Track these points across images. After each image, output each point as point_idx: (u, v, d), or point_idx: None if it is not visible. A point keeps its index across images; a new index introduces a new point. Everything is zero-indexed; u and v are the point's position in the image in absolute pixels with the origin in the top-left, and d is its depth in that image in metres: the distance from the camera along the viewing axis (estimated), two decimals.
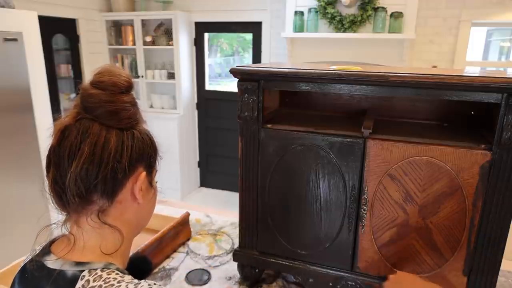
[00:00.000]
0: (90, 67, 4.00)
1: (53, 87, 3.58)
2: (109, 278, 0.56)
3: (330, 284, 1.10)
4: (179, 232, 1.45)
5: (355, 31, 3.27)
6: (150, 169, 0.66)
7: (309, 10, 3.34)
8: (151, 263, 0.78)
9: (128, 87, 0.62)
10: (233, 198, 4.30)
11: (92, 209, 0.60)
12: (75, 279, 0.56)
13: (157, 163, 0.68)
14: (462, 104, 1.13)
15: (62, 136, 0.58)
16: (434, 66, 3.31)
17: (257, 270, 1.21)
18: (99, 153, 0.57)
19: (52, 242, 0.65)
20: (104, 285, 0.55)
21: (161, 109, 4.18)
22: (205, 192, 4.59)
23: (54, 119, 0.61)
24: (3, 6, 2.24)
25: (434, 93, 0.91)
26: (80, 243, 0.61)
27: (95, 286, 0.55)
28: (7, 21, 2.23)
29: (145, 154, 0.64)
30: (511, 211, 0.89)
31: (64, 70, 3.88)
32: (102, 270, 0.57)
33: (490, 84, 0.84)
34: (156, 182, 0.70)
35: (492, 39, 3.80)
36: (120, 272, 0.58)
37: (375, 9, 3.15)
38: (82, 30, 3.86)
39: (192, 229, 1.55)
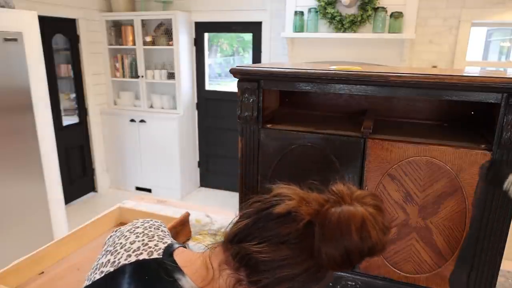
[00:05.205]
0: (90, 67, 4.00)
1: (53, 87, 3.58)
2: None
3: (330, 284, 1.10)
4: (179, 232, 1.45)
5: (355, 31, 3.27)
6: None
7: (309, 10, 3.33)
8: None
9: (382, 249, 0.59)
10: (233, 198, 4.29)
11: (233, 275, 0.61)
12: None
13: None
14: (462, 104, 1.13)
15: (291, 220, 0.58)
16: (434, 66, 3.31)
17: None
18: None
19: (173, 250, 0.67)
20: None
21: (161, 109, 4.18)
22: (205, 192, 4.59)
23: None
24: (3, 6, 2.24)
25: (434, 93, 0.91)
26: (216, 285, 0.62)
27: None
28: (7, 21, 2.23)
29: None
30: (511, 211, 0.89)
31: (64, 70, 3.88)
32: None
33: (490, 84, 0.84)
34: None
35: (492, 39, 3.80)
36: None
37: (375, 9, 3.15)
38: (82, 30, 3.86)
39: (192, 229, 1.55)
